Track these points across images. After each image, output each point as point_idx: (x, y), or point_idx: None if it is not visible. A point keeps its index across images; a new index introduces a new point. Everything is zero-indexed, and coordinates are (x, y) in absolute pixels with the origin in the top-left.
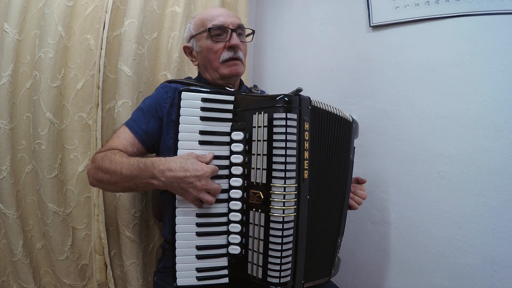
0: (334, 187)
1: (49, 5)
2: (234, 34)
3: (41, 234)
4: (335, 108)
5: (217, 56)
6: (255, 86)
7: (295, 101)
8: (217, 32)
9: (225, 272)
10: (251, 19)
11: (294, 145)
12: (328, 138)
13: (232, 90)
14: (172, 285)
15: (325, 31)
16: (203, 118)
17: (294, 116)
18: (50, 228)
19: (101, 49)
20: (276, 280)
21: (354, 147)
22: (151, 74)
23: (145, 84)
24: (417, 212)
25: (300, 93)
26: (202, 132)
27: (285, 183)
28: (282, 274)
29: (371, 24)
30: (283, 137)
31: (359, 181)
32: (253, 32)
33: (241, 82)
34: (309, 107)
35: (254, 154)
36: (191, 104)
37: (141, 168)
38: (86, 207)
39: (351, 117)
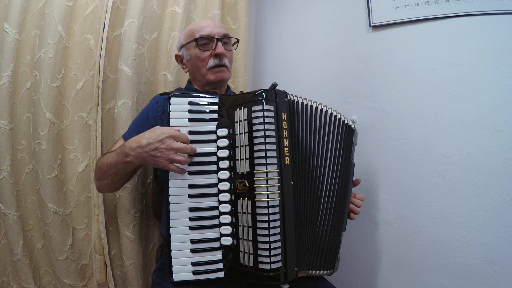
0: (326, 179)
1: (49, 5)
2: (220, 43)
3: (41, 234)
4: (311, 101)
5: (204, 63)
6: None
7: (271, 94)
8: (204, 41)
9: (220, 266)
10: (251, 19)
11: (273, 133)
12: (310, 129)
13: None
14: (169, 282)
15: (325, 31)
16: (191, 119)
17: (271, 107)
18: (50, 228)
19: (101, 49)
20: (267, 266)
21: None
22: (151, 74)
23: (145, 84)
24: (417, 212)
25: (276, 88)
26: (190, 132)
27: (267, 169)
28: (273, 259)
29: (371, 24)
30: (261, 127)
31: (354, 183)
32: (238, 40)
33: (228, 88)
34: (286, 100)
35: (238, 147)
36: (179, 107)
37: (118, 153)
38: (86, 207)
39: (333, 110)
